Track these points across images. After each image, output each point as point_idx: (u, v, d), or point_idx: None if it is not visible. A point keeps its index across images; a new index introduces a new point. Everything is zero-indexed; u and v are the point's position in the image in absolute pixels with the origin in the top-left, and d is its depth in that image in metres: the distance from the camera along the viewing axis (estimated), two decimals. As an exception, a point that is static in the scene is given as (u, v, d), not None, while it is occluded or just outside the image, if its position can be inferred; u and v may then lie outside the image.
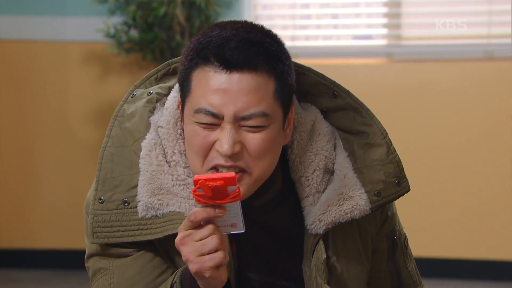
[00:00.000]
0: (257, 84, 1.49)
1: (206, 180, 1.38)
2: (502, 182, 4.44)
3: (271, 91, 1.50)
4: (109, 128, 1.60)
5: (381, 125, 1.63)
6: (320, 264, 1.56)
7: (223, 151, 1.48)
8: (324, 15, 4.77)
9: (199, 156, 1.51)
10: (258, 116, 1.49)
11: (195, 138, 1.50)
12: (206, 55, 1.49)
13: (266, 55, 1.50)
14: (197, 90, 1.50)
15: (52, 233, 4.76)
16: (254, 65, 1.48)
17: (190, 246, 1.41)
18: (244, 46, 1.49)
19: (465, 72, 4.50)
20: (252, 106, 1.48)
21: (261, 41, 1.51)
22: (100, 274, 1.59)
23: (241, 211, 1.41)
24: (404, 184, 1.62)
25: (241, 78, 1.48)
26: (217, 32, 1.51)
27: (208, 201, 1.39)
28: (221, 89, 1.48)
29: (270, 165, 1.53)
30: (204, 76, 1.49)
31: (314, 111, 1.63)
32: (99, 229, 1.55)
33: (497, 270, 4.46)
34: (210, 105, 1.48)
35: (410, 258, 1.75)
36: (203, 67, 1.49)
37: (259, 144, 1.50)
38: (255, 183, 1.52)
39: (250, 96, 1.48)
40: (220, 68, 1.48)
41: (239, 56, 1.48)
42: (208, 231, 1.40)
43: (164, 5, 4.35)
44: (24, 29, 4.69)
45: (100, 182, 1.56)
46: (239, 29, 1.51)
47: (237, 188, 1.39)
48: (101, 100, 4.69)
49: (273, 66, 1.50)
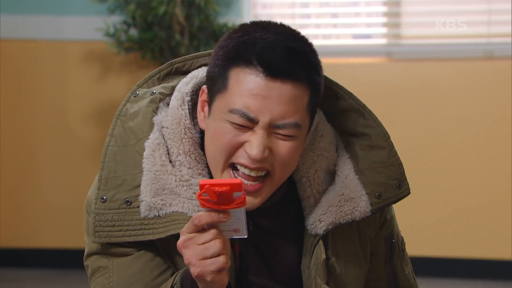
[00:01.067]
0: (295, 95, 1.49)
1: (212, 185, 1.37)
2: (502, 181, 4.44)
3: (306, 102, 1.51)
4: (111, 127, 1.59)
5: (384, 127, 1.63)
6: (319, 264, 1.56)
7: (253, 155, 1.48)
8: (323, 14, 4.77)
9: (224, 153, 1.51)
10: (292, 126, 1.50)
11: (224, 136, 1.50)
12: (249, 57, 1.49)
13: (307, 66, 1.51)
14: (234, 89, 1.49)
15: (51, 232, 4.76)
16: (296, 75, 1.49)
17: (192, 250, 1.41)
18: (289, 55, 1.49)
19: (465, 71, 4.50)
20: (288, 116, 1.49)
21: (304, 51, 1.52)
22: (99, 273, 1.59)
23: (245, 217, 1.41)
24: (404, 187, 1.62)
25: (282, 88, 1.48)
26: (260, 34, 1.50)
27: (213, 206, 1.39)
28: (260, 95, 1.48)
29: (289, 171, 1.55)
30: (244, 78, 1.49)
31: (318, 113, 1.63)
32: (101, 228, 1.54)
33: (497, 269, 4.46)
34: (247, 108, 1.48)
35: (407, 261, 1.76)
36: (244, 68, 1.49)
37: (287, 153, 1.51)
38: (275, 185, 1.54)
39: (287, 106, 1.49)
40: (263, 74, 1.48)
41: (284, 65, 1.48)
42: (211, 236, 1.40)
43: (164, 4, 4.35)
44: (24, 28, 4.69)
45: (102, 181, 1.55)
46: (282, 34, 1.52)
47: (242, 194, 1.39)
48: (101, 99, 4.68)
49: (312, 78, 1.51)
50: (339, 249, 1.62)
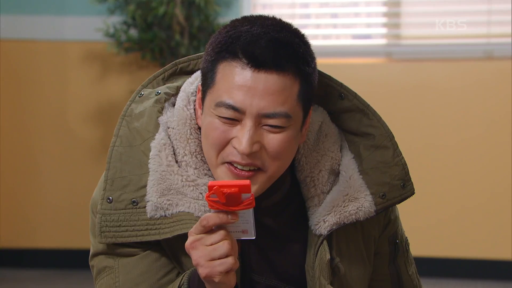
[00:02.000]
0: (283, 85, 1.48)
1: (221, 186, 1.37)
2: (502, 181, 4.44)
3: (296, 93, 1.50)
4: (117, 127, 1.59)
5: (388, 127, 1.63)
6: (323, 265, 1.56)
7: (241, 149, 1.48)
8: (323, 14, 4.77)
9: (214, 149, 1.51)
10: (281, 116, 1.49)
11: (213, 131, 1.50)
12: (235, 50, 1.49)
13: (294, 56, 1.50)
14: (221, 84, 1.49)
15: (51, 233, 4.75)
16: (281, 66, 1.48)
17: (200, 251, 1.41)
18: (274, 46, 1.48)
19: (465, 71, 4.50)
20: (276, 105, 1.48)
21: (290, 42, 1.51)
22: (104, 273, 1.59)
23: (253, 218, 1.41)
24: (409, 187, 1.62)
25: (268, 78, 1.48)
26: (247, 27, 1.50)
27: (222, 207, 1.39)
28: (246, 86, 1.47)
29: (285, 165, 1.54)
30: (230, 71, 1.49)
31: (322, 113, 1.63)
32: (107, 228, 1.54)
33: (497, 269, 4.47)
34: (233, 99, 1.48)
35: (410, 262, 1.76)
36: (230, 61, 1.49)
37: (278, 145, 1.50)
38: (268, 180, 1.53)
39: (275, 96, 1.48)
40: (248, 66, 1.48)
41: (268, 56, 1.47)
42: (220, 237, 1.41)
43: (164, 4, 4.35)
44: (24, 29, 4.69)
45: (108, 181, 1.55)
46: (269, 26, 1.51)
47: (251, 195, 1.39)
48: (101, 100, 4.68)
49: (300, 68, 1.50)
50: (343, 249, 1.61)
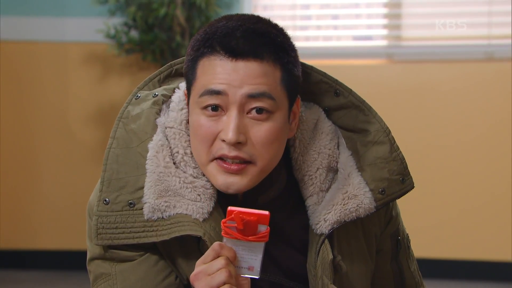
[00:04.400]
0: (263, 71, 1.50)
1: (241, 212, 1.38)
2: (502, 182, 4.44)
3: (278, 78, 1.51)
4: (113, 129, 1.59)
5: (384, 122, 1.63)
6: (326, 264, 1.56)
7: (228, 138, 1.48)
8: (324, 16, 4.77)
9: (203, 146, 1.51)
10: (264, 97, 1.50)
11: (200, 128, 1.51)
12: (212, 44, 1.50)
13: (271, 45, 1.51)
14: (202, 77, 1.51)
15: (52, 234, 4.76)
16: (259, 54, 1.49)
17: (202, 281, 1.41)
18: (250, 36, 1.50)
19: (465, 73, 4.50)
20: (259, 86, 1.49)
21: (267, 32, 1.52)
22: (101, 280, 1.58)
23: (263, 255, 1.42)
24: (408, 181, 1.62)
25: (248, 65, 1.49)
26: (223, 23, 1.52)
27: (236, 234, 1.40)
28: (227, 73, 1.49)
29: (275, 156, 1.54)
30: (210, 65, 1.50)
31: (317, 110, 1.63)
32: (103, 230, 1.53)
33: (497, 270, 4.46)
34: (214, 85, 1.49)
35: (412, 258, 1.75)
36: (209, 56, 1.51)
37: (265, 134, 1.50)
38: (260, 173, 1.52)
39: (257, 79, 1.49)
40: (226, 57, 1.49)
41: (245, 45, 1.49)
42: (219, 265, 1.41)
43: (164, 5, 4.35)
44: (24, 30, 4.69)
45: (105, 183, 1.55)
46: (245, 20, 1.53)
47: (267, 228, 1.39)
48: (101, 101, 4.68)
49: (278, 56, 1.51)
50: (344, 247, 1.61)
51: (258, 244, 1.40)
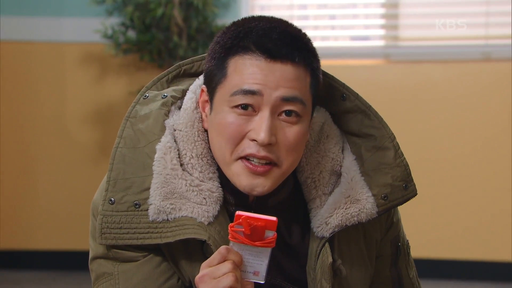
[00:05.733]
0: (297, 75, 1.50)
1: (248, 217, 1.38)
2: (502, 183, 4.44)
3: (308, 83, 1.52)
4: (121, 128, 1.58)
5: (389, 128, 1.63)
6: (325, 267, 1.56)
7: (260, 139, 1.48)
8: (321, 16, 4.77)
9: (229, 145, 1.50)
10: (297, 101, 1.50)
11: (229, 126, 1.50)
12: (247, 44, 1.50)
13: (304, 49, 1.52)
14: (234, 76, 1.50)
15: (49, 235, 4.75)
16: (295, 57, 1.50)
17: (208, 284, 1.41)
18: (286, 38, 1.50)
19: (463, 73, 4.50)
20: (294, 90, 1.49)
21: (300, 36, 1.53)
22: (103, 279, 1.58)
23: (269, 261, 1.42)
24: (411, 188, 1.62)
25: (283, 68, 1.49)
26: (255, 23, 1.52)
27: (243, 239, 1.39)
28: (262, 73, 1.48)
29: (297, 160, 1.54)
30: (243, 64, 1.50)
31: (324, 113, 1.63)
32: (108, 230, 1.53)
33: (497, 271, 4.46)
34: (249, 85, 1.48)
35: (411, 265, 1.76)
36: (243, 55, 1.50)
37: (293, 137, 1.50)
38: (281, 176, 1.53)
39: (292, 82, 1.49)
40: (263, 57, 1.49)
41: (282, 47, 1.49)
42: (225, 269, 1.41)
43: (162, 6, 4.34)
44: (22, 30, 4.68)
45: (111, 182, 1.54)
46: (276, 22, 1.53)
47: (274, 234, 1.39)
48: (99, 101, 4.68)
49: (310, 61, 1.52)
50: (344, 251, 1.61)
51: (264, 250, 1.40)
